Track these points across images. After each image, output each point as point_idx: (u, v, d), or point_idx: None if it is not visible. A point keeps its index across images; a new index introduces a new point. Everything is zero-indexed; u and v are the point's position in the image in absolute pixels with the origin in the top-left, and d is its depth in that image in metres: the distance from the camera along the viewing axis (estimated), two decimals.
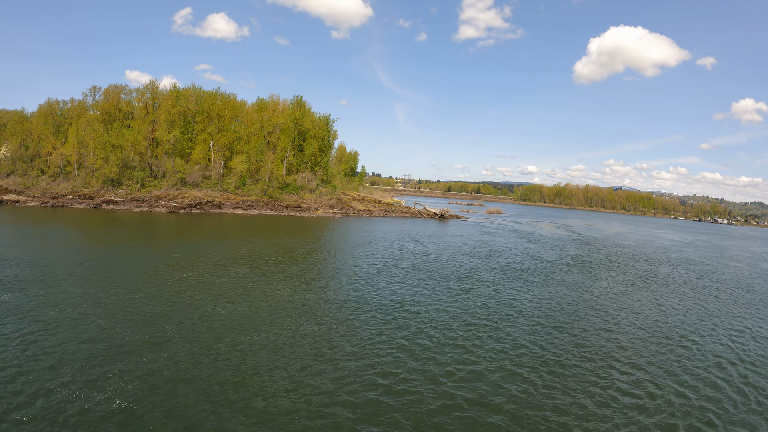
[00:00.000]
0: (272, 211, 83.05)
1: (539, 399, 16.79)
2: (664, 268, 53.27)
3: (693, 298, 37.31)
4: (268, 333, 21.20)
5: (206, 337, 20.13)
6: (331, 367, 17.96)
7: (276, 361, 18.24)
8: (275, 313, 24.26)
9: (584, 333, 25.30)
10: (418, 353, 20.17)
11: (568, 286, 37.67)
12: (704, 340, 26.11)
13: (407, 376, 17.67)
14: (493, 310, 28.34)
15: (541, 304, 30.76)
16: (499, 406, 16.03)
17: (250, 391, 15.78)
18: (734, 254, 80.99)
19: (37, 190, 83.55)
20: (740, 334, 28.04)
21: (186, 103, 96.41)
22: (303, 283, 31.51)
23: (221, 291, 27.76)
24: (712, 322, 30.36)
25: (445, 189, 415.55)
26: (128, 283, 28.07)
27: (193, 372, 16.79)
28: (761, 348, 25.77)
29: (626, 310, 31.53)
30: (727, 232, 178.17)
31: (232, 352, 18.71)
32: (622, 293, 36.88)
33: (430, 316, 25.72)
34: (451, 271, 39.52)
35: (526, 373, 18.97)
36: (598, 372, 19.70)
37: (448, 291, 32.32)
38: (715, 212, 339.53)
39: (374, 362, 18.76)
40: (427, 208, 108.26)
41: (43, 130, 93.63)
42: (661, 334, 26.47)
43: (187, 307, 24.14)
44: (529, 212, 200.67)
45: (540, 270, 44.05)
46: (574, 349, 22.47)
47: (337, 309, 25.74)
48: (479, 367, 19.20)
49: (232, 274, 32.57)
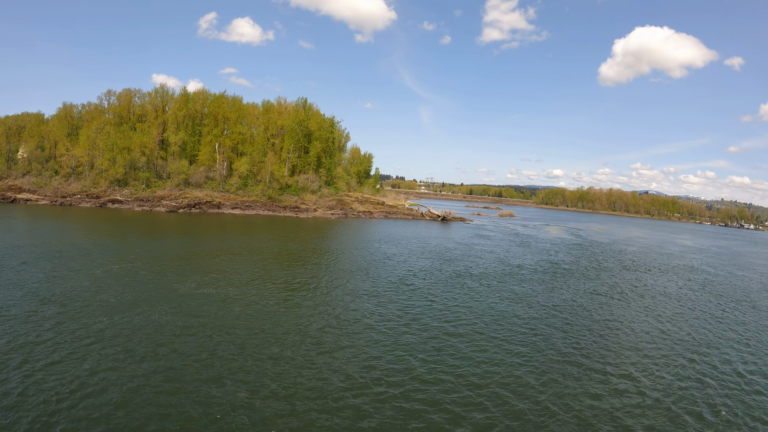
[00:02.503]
0: (270, 211, 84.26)
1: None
2: (651, 278, 48.66)
3: (661, 316, 31.75)
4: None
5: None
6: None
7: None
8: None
9: (494, 353, 21.80)
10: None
11: (512, 297, 33.32)
12: (634, 385, 19.60)
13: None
14: (393, 318, 25.65)
15: (460, 317, 26.96)
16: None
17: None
18: (748, 262, 75.37)
19: (49, 190, 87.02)
20: (697, 384, 20.39)
21: (194, 106, 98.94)
22: (212, 280, 31.78)
23: (136, 286, 28.48)
24: (666, 351, 24.25)
25: (466, 192, 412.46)
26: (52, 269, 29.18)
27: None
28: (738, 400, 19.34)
29: (560, 329, 26.27)
30: (752, 238, 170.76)
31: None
32: (574, 307, 31.91)
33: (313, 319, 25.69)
34: (394, 273, 38.27)
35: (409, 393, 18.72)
36: (511, 390, 18.85)
37: (365, 296, 30.03)
38: (742, 217, 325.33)
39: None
40: (430, 210, 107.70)
41: (58, 132, 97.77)
42: (572, 374, 20.06)
43: (113, 301, 24.92)
44: (546, 216, 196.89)
45: (494, 276, 40.45)
46: (478, 366, 20.06)
47: (242, 314, 26.05)
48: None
49: (150, 268, 33.36)
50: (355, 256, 45.33)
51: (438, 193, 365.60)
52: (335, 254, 45.97)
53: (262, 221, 72.85)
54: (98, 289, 26.79)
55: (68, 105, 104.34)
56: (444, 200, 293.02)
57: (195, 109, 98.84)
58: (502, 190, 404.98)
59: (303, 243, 52.24)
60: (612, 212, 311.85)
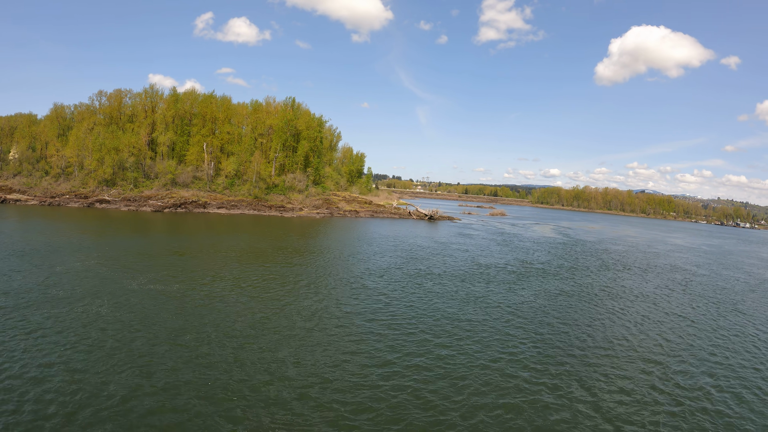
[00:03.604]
0: (255, 211, 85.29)
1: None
2: (629, 277, 47.18)
3: (627, 318, 30.34)
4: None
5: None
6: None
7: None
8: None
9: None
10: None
11: (465, 297, 32.33)
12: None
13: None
14: (325, 317, 25.55)
15: (404, 318, 26.51)
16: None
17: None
18: (737, 261, 74.46)
19: (38, 190, 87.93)
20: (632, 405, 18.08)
21: (183, 106, 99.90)
22: (163, 277, 32.45)
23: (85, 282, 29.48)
24: (620, 360, 22.53)
25: (462, 192, 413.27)
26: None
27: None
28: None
29: (502, 332, 25.27)
30: (746, 237, 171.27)
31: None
32: (531, 308, 30.89)
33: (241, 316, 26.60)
34: (351, 272, 38.58)
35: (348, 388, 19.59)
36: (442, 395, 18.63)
37: (306, 294, 30.13)
38: (738, 216, 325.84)
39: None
40: (418, 210, 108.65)
41: (49, 133, 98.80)
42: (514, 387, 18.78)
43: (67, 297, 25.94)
44: (539, 215, 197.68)
45: (455, 276, 39.69)
46: (419, 371, 19.49)
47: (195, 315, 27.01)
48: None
49: (94, 263, 34.38)
50: (316, 254, 46.21)
51: (433, 193, 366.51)
52: (300, 253, 46.58)
53: (246, 221, 73.84)
54: (53, 285, 27.86)
55: (59, 106, 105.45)
56: (439, 200, 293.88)
57: (184, 109, 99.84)
58: (497, 189, 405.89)
59: (274, 242, 53.15)
60: (607, 211, 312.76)
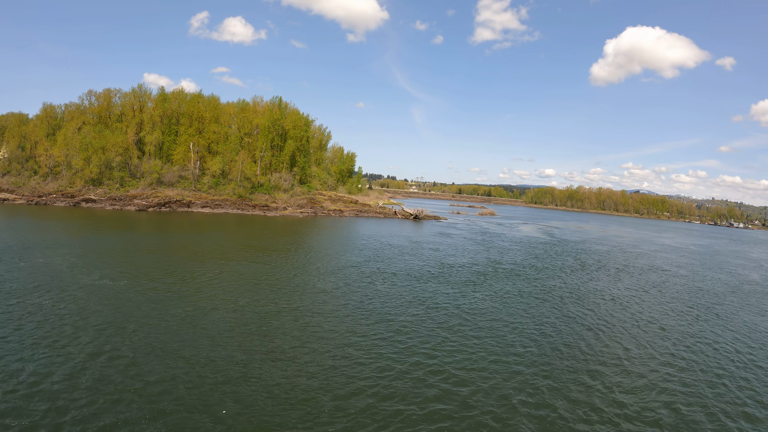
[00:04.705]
0: (239, 210, 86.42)
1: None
2: (603, 278, 45.80)
3: (586, 324, 28.77)
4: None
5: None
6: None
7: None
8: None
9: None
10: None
11: (410, 300, 31.51)
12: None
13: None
14: (247, 319, 24.95)
15: (347, 317, 26.45)
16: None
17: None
18: (722, 261, 73.21)
19: (27, 189, 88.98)
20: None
21: (170, 105, 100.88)
22: (116, 274, 33.65)
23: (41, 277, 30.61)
24: (570, 370, 21.10)
25: (456, 192, 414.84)
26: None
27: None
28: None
29: (440, 336, 24.34)
30: (738, 236, 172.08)
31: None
32: (480, 310, 30.12)
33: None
34: (304, 269, 39.09)
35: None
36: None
37: (244, 291, 30.28)
38: (732, 216, 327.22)
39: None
40: (404, 209, 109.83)
41: (38, 132, 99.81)
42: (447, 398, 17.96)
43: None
44: (531, 215, 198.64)
45: (409, 276, 38.82)
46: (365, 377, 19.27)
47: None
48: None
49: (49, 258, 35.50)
50: (279, 252, 47.09)
51: (427, 193, 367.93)
52: (264, 251, 47.28)
53: (228, 220, 74.91)
54: (9, 279, 29.10)
55: (48, 105, 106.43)
56: (433, 199, 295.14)
57: (171, 108, 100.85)
58: (491, 189, 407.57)
59: (244, 240, 54.27)
60: (601, 211, 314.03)
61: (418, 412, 16.75)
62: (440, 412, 16.91)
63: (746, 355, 26.12)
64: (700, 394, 20.20)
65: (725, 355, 25.89)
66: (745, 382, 22.12)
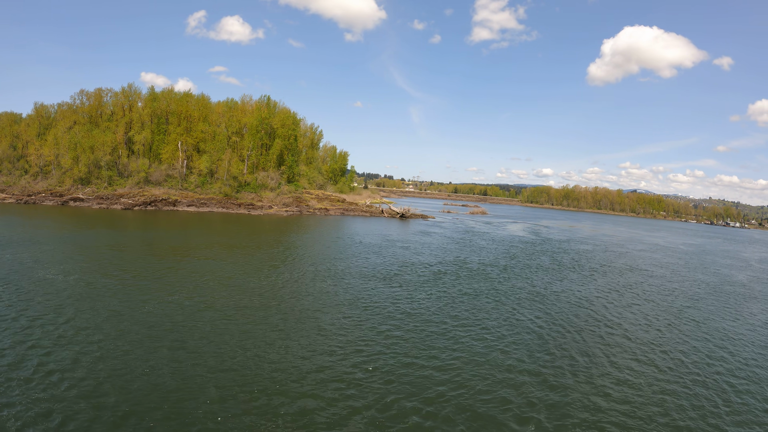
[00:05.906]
0: (224, 209, 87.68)
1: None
2: (576, 279, 44.44)
3: (542, 328, 27.18)
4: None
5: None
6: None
7: None
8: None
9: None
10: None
11: (348, 300, 30.32)
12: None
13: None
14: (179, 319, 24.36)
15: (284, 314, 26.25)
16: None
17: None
18: (711, 261, 71.89)
19: (17, 189, 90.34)
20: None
21: (159, 105, 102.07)
22: (80, 268, 34.99)
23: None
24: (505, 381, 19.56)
25: (452, 191, 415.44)
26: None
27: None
28: None
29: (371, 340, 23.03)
30: (733, 236, 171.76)
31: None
32: (426, 310, 28.97)
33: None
34: (259, 266, 40.04)
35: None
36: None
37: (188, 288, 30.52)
38: (728, 215, 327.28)
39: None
40: (391, 208, 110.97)
41: (29, 132, 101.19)
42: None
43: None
44: (524, 214, 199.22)
45: (362, 275, 38.01)
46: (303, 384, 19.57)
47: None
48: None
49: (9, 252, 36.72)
50: (245, 249, 47.92)
51: (424, 192, 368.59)
52: (232, 248, 47.97)
53: (212, 218, 76.07)
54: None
55: (40, 105, 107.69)
56: (428, 198, 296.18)
57: (161, 107, 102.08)
58: (487, 188, 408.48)
59: (218, 238, 55.37)
60: (597, 210, 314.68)
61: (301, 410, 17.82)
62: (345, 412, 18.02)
63: (707, 367, 23.64)
64: (650, 404, 18.89)
65: (685, 367, 23.40)
66: (698, 399, 19.87)
